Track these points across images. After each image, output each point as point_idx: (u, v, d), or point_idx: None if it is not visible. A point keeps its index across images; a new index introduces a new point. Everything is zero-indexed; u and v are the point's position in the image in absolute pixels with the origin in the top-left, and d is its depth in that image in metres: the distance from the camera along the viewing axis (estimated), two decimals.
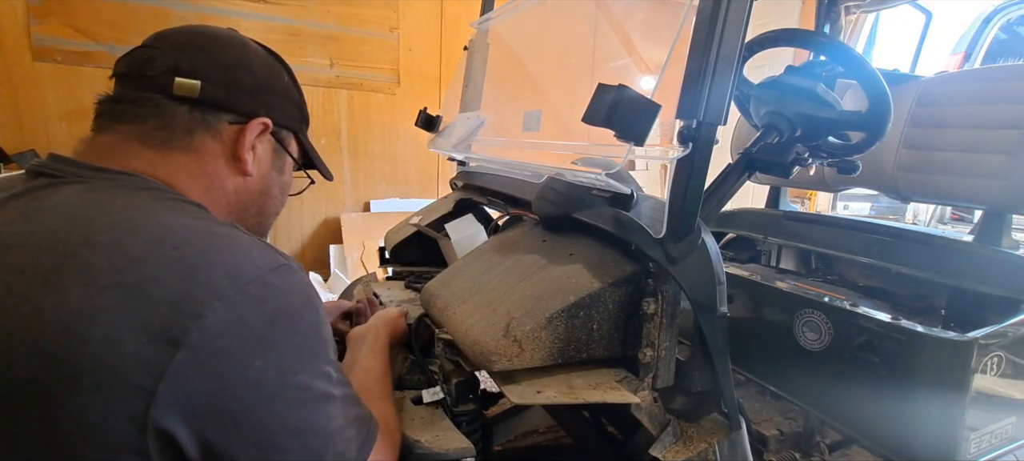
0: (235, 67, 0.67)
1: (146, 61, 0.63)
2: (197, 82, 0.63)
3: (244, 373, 0.49)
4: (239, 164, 0.68)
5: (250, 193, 0.72)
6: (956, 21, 3.15)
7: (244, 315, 0.50)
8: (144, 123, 0.62)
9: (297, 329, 0.54)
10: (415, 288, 1.24)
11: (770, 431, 1.22)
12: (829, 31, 1.79)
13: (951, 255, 1.35)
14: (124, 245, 0.49)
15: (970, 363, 0.98)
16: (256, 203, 0.73)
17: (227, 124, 0.67)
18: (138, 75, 0.63)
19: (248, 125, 0.68)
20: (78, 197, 0.54)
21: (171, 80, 0.62)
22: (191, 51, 0.64)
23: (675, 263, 0.74)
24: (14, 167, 2.55)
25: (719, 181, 0.92)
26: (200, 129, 0.64)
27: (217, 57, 0.66)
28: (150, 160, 0.62)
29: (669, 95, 0.71)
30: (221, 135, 0.66)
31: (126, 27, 2.81)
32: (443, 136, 1.52)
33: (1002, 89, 1.36)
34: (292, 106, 0.76)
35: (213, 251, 0.52)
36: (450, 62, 3.67)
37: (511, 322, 0.75)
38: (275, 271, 0.54)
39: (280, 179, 0.77)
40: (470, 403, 0.85)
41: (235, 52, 0.68)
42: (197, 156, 0.65)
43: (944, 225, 3.54)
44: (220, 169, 0.67)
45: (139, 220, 0.52)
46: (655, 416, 0.79)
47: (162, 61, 0.63)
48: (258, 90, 0.69)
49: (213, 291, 0.48)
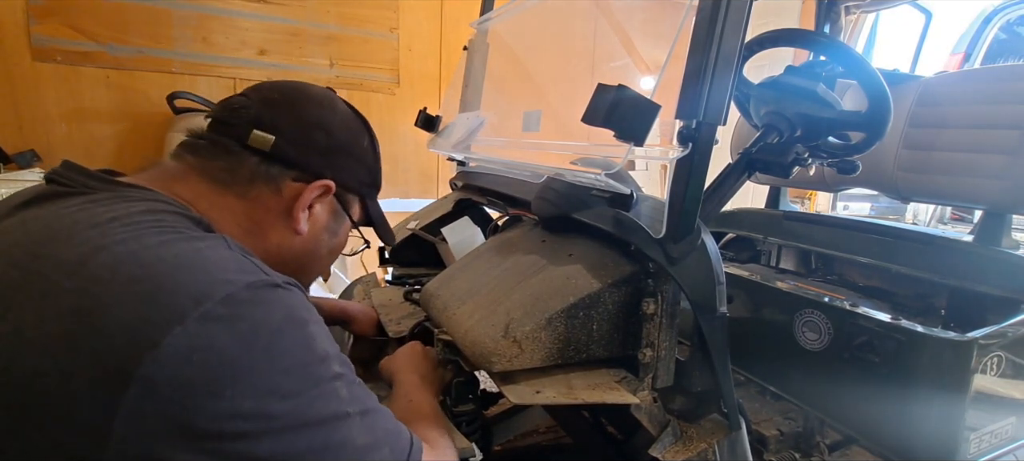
0: (313, 126, 0.69)
1: (235, 109, 0.66)
2: (271, 137, 0.65)
3: (215, 407, 0.43)
4: (292, 221, 0.68)
5: (294, 251, 0.70)
6: (956, 21, 3.15)
7: (209, 340, 0.44)
8: (212, 161, 0.64)
9: (280, 349, 0.48)
10: (414, 301, 1.23)
11: (770, 431, 1.21)
12: (829, 31, 1.79)
13: (951, 255, 1.34)
14: (88, 265, 0.46)
15: (970, 363, 0.98)
16: (298, 261, 0.72)
17: (290, 181, 0.67)
18: (224, 120, 0.66)
19: (309, 185, 0.68)
20: (70, 209, 0.53)
21: (249, 131, 0.64)
22: (276, 106, 0.67)
23: (675, 263, 0.74)
24: (14, 167, 2.54)
25: (719, 181, 0.92)
26: (262, 181, 0.65)
27: (298, 114, 0.68)
28: (199, 191, 0.63)
29: (669, 95, 0.71)
30: (281, 190, 0.67)
31: (126, 27, 2.81)
32: (443, 136, 1.52)
33: (1002, 89, 1.36)
34: (363, 170, 0.76)
35: (182, 270, 0.47)
36: (450, 62, 3.67)
37: (511, 322, 0.75)
38: (251, 287, 0.49)
39: (331, 241, 0.76)
40: (470, 403, 0.85)
41: (318, 112, 0.70)
42: (250, 203, 0.65)
43: (944, 225, 3.54)
44: (270, 221, 0.67)
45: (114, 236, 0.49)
46: (655, 416, 0.79)
47: (247, 112, 0.66)
48: (330, 152, 0.70)
49: (173, 315, 0.43)
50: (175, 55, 2.94)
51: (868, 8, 1.92)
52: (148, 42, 2.87)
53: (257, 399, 0.45)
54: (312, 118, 0.69)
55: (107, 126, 2.86)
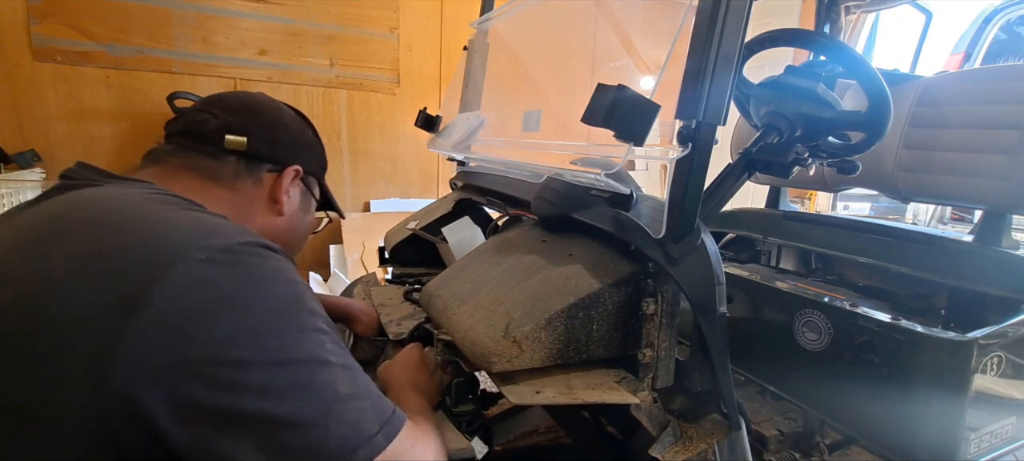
0: (274, 125, 0.82)
1: (201, 122, 0.76)
2: (244, 138, 0.76)
3: (209, 333, 0.48)
4: (276, 205, 0.81)
5: (279, 230, 0.82)
6: (956, 21, 3.15)
7: (209, 277, 0.50)
8: (196, 161, 0.74)
9: (272, 294, 0.53)
10: (414, 301, 1.23)
11: (770, 431, 1.21)
12: (829, 31, 1.79)
13: (951, 255, 1.34)
14: (103, 220, 0.54)
15: (970, 363, 0.98)
16: (283, 238, 0.82)
17: (267, 172, 0.80)
18: (193, 132, 0.76)
19: (285, 172, 0.81)
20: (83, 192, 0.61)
21: (222, 137, 0.75)
22: (238, 113, 0.79)
23: (675, 263, 0.74)
24: (14, 167, 2.54)
25: (719, 181, 0.92)
26: (244, 175, 0.77)
27: (260, 117, 0.80)
28: (191, 186, 0.71)
29: (669, 95, 0.71)
30: (261, 181, 0.79)
31: (126, 27, 2.81)
32: (443, 136, 1.52)
33: (1002, 89, 1.36)
34: (316, 156, 0.90)
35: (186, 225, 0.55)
36: (450, 62, 3.67)
37: (510, 323, 0.75)
38: (248, 244, 0.55)
39: (305, 218, 0.89)
40: (470, 403, 0.85)
41: (272, 113, 0.83)
42: (236, 194, 0.76)
43: (944, 225, 3.54)
44: (255, 207, 0.79)
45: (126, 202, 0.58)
46: (655, 416, 0.79)
47: (214, 122, 0.76)
48: (292, 143, 0.83)
49: (177, 255, 0.50)
50: (175, 55, 2.94)
51: (868, 8, 1.92)
52: (148, 42, 2.87)
53: (249, 332, 0.50)
54: (270, 118, 0.82)
55: (107, 126, 2.86)
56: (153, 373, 0.46)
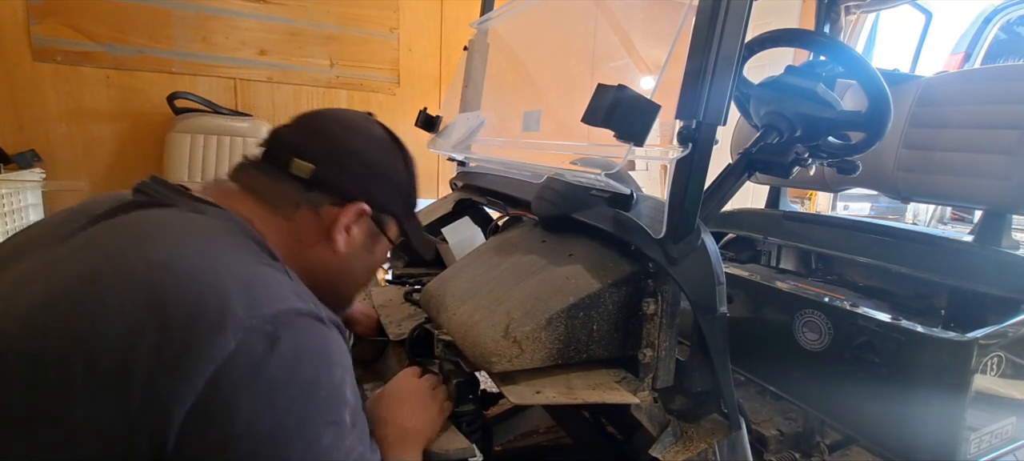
0: (348, 153, 0.75)
1: (280, 139, 0.74)
2: (310, 165, 0.71)
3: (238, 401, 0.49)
4: (331, 243, 0.74)
5: (330, 269, 0.76)
6: (956, 21, 3.15)
7: (251, 347, 0.50)
8: (263, 185, 0.71)
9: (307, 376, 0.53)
10: (414, 302, 1.23)
11: (770, 431, 1.21)
12: (829, 31, 1.79)
13: (951, 255, 1.34)
14: (170, 267, 0.52)
15: (970, 363, 0.98)
16: (334, 279, 0.78)
17: (329, 204, 0.73)
18: (270, 149, 0.74)
19: (346, 208, 0.73)
20: (152, 218, 0.61)
21: (289, 158, 0.71)
22: (314, 135, 0.75)
23: (675, 263, 0.74)
24: (14, 167, 2.54)
25: (719, 181, 0.92)
26: (304, 205, 0.72)
27: (334, 142, 0.75)
28: (254, 210, 0.69)
29: (669, 95, 0.71)
30: (320, 213, 0.73)
31: (126, 27, 2.81)
32: (443, 136, 1.52)
33: (1002, 89, 1.36)
34: (397, 193, 0.81)
35: (243, 284, 0.54)
36: (450, 62, 3.67)
37: (511, 323, 0.75)
38: (298, 314, 0.55)
39: (368, 259, 0.81)
40: (470, 404, 0.85)
41: (353, 139, 0.76)
42: (293, 224, 0.72)
43: (944, 225, 3.54)
44: (311, 240, 0.73)
45: (191, 244, 0.56)
46: (655, 416, 0.80)
47: (289, 141, 0.73)
48: (365, 177, 0.76)
49: (226, 318, 0.50)
50: (175, 55, 2.94)
51: (868, 8, 1.92)
52: (148, 42, 2.87)
53: (274, 409, 0.50)
54: (347, 145, 0.75)
55: (107, 126, 2.86)
56: (185, 446, 0.47)
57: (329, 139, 0.74)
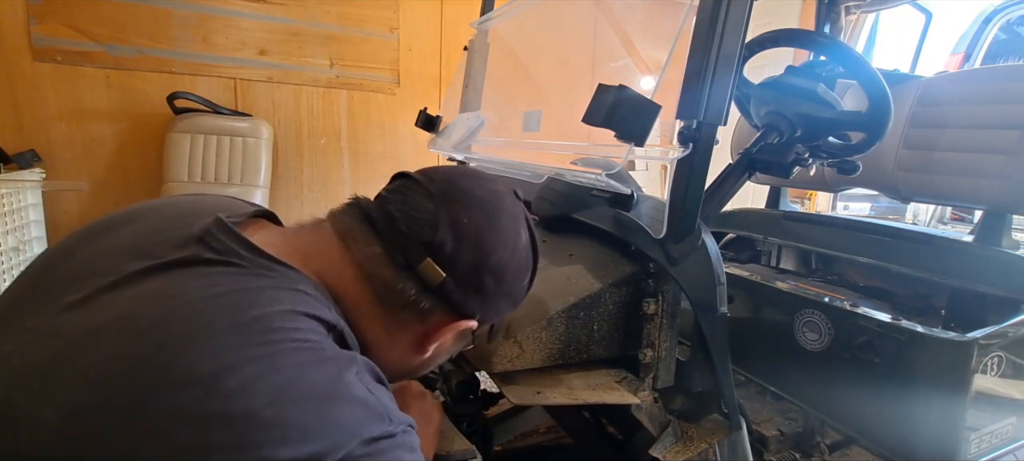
0: (487, 272, 0.62)
1: (418, 215, 0.60)
2: (442, 275, 0.59)
3: None
4: (421, 348, 0.64)
5: (412, 365, 0.68)
6: (956, 21, 3.15)
7: None
8: (376, 263, 0.59)
9: None
10: None
11: (770, 431, 1.22)
12: (829, 31, 1.79)
13: (951, 255, 1.34)
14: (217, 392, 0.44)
15: (970, 363, 0.98)
16: (408, 372, 0.70)
17: (437, 313, 0.62)
18: (404, 223, 0.60)
19: (453, 324, 0.63)
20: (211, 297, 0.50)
21: (422, 255, 0.59)
22: (461, 236, 0.60)
23: (675, 263, 0.74)
24: (14, 167, 2.54)
25: (719, 181, 0.92)
26: (412, 308, 0.61)
27: (480, 256, 0.61)
28: (352, 292, 0.59)
29: (669, 95, 0.71)
30: (426, 319, 0.62)
31: (126, 27, 2.81)
32: (443, 136, 1.52)
33: (1002, 89, 1.36)
34: (510, 307, 0.70)
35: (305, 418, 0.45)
36: (450, 62, 3.67)
37: (511, 323, 0.75)
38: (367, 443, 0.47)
39: (443, 357, 0.72)
40: (470, 403, 0.85)
41: (500, 253, 0.63)
42: (391, 324, 0.62)
43: (944, 225, 3.54)
44: (403, 338, 0.63)
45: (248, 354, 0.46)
46: (655, 416, 0.80)
47: (429, 229, 0.59)
48: (492, 298, 0.64)
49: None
50: (175, 55, 2.94)
51: (868, 8, 1.92)
52: (148, 42, 2.87)
53: None
54: (491, 262, 0.62)
55: (107, 126, 2.86)
56: None
57: (475, 248, 0.61)
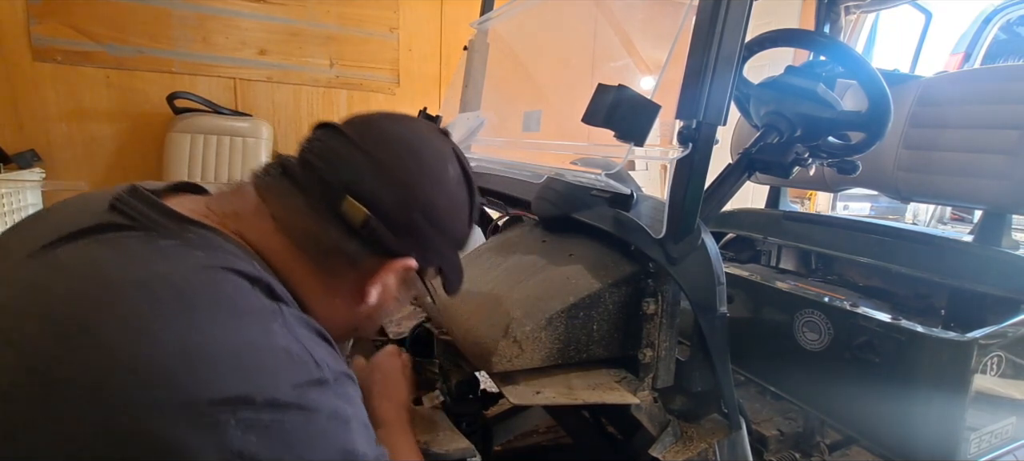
0: (414, 207, 0.60)
1: (334, 157, 0.58)
2: (364, 212, 0.57)
3: None
4: (361, 293, 0.62)
5: (358, 317, 0.66)
6: (956, 21, 3.15)
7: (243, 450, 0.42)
8: (296, 215, 0.58)
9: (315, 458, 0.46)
10: (414, 301, 1.23)
11: (770, 431, 1.21)
12: (829, 31, 1.79)
13: (951, 255, 1.34)
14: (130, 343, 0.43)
15: (970, 363, 0.98)
16: (359, 324, 0.68)
17: (370, 257, 0.60)
18: (318, 170, 0.58)
19: (389, 264, 0.61)
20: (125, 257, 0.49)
21: (342, 195, 0.57)
22: (380, 172, 0.58)
23: (675, 263, 0.74)
24: (14, 167, 2.54)
25: (719, 181, 0.92)
26: (342, 253, 0.58)
27: (402, 190, 0.59)
28: (274, 245, 0.57)
29: (669, 95, 0.71)
30: (358, 265, 0.60)
31: (126, 27, 2.81)
32: None
33: (1002, 89, 1.36)
34: (452, 246, 0.68)
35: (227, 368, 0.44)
36: (450, 62, 3.67)
37: (511, 323, 0.75)
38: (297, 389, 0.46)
39: (394, 306, 0.70)
40: (470, 403, 0.85)
41: (425, 188, 0.61)
42: (322, 273, 0.59)
43: (944, 225, 3.54)
44: (339, 289, 0.61)
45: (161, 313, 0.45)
46: (655, 416, 0.80)
47: (347, 168, 0.58)
48: (426, 235, 0.62)
49: (211, 424, 0.42)
50: (175, 55, 2.94)
51: (868, 8, 1.92)
52: (148, 42, 2.87)
53: None
54: (415, 196, 0.60)
55: (107, 126, 2.86)
56: None
57: (395, 182, 0.59)
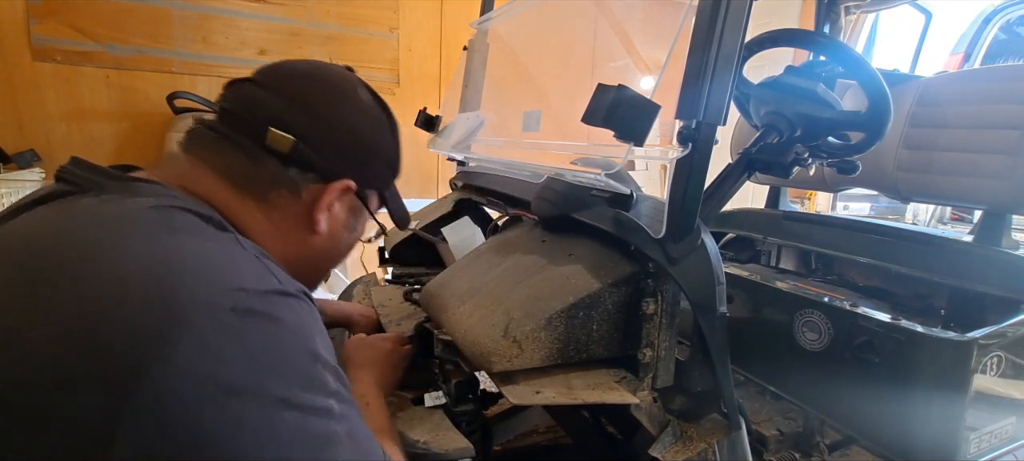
0: (335, 127, 0.66)
1: (251, 101, 0.63)
2: (290, 138, 0.62)
3: (217, 418, 0.43)
4: (311, 223, 0.67)
5: (314, 249, 0.70)
6: (956, 21, 3.15)
7: (219, 350, 0.44)
8: (228, 161, 0.61)
9: (285, 363, 0.48)
10: (414, 301, 1.24)
11: (770, 431, 1.21)
12: (829, 31, 1.79)
13: (951, 255, 1.34)
14: (93, 267, 0.45)
15: (970, 363, 0.98)
16: (318, 258, 0.72)
17: (310, 183, 0.65)
18: (239, 115, 0.63)
19: (329, 187, 0.66)
20: (77, 208, 0.52)
21: (265, 128, 0.61)
22: (296, 102, 0.64)
23: (675, 263, 0.74)
24: (14, 167, 2.55)
25: (719, 181, 0.92)
26: (281, 184, 0.63)
27: (320, 113, 0.65)
28: (215, 190, 0.60)
29: (669, 95, 0.71)
30: (300, 193, 0.65)
31: (126, 27, 2.81)
32: (443, 136, 1.52)
33: (1002, 89, 1.36)
34: (385, 166, 0.75)
35: (191, 274, 0.46)
36: (450, 62, 3.67)
37: (511, 323, 0.75)
38: (261, 295, 0.49)
39: (349, 236, 0.75)
40: (470, 403, 0.85)
41: (341, 108, 0.67)
42: (268, 208, 0.63)
43: (944, 225, 3.54)
44: (289, 223, 0.65)
45: (121, 235, 0.48)
46: (655, 416, 0.79)
47: (265, 107, 0.63)
48: (353, 152, 0.68)
49: (183, 323, 0.43)
50: (175, 55, 2.94)
51: (868, 8, 1.92)
52: (148, 42, 2.88)
53: (261, 411, 0.45)
54: (333, 116, 0.66)
55: (107, 126, 2.87)
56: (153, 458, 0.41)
57: (312, 106, 0.65)
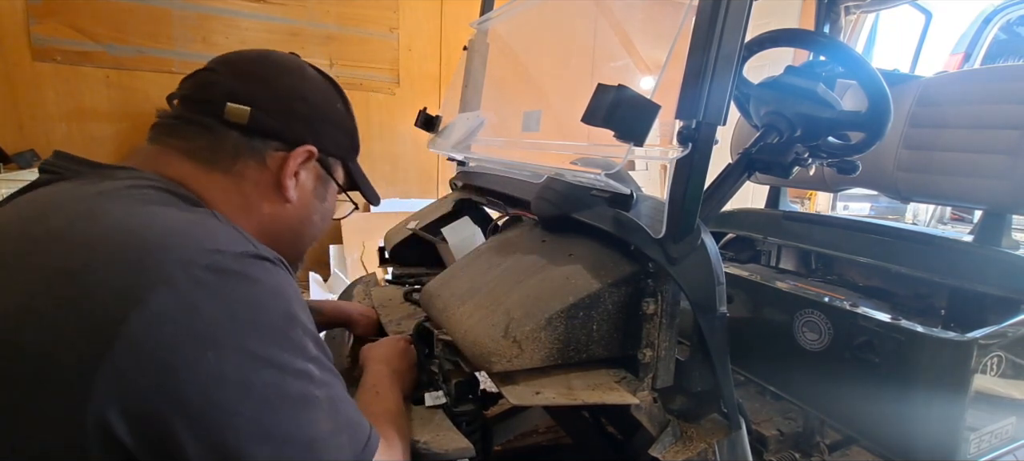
0: (289, 96, 0.70)
1: (206, 85, 0.67)
2: (247, 108, 0.65)
3: (194, 368, 0.44)
4: (281, 190, 0.70)
5: (288, 219, 0.73)
6: (956, 21, 3.15)
7: (196, 301, 0.45)
8: (192, 141, 0.65)
9: (263, 321, 0.49)
10: (414, 301, 1.23)
11: (770, 431, 1.21)
12: (829, 31, 1.79)
13: (951, 255, 1.34)
14: (78, 232, 0.49)
15: (970, 363, 0.98)
16: (292, 229, 0.74)
17: (273, 151, 0.68)
18: (196, 98, 0.67)
19: (293, 152, 0.69)
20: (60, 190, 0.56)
21: (224, 105, 0.65)
22: (249, 78, 0.68)
23: (675, 263, 0.74)
24: (14, 167, 2.55)
25: (719, 181, 0.92)
26: (246, 154, 0.67)
27: (272, 85, 0.69)
28: (185, 171, 0.64)
29: (669, 95, 0.71)
30: (266, 162, 0.68)
31: (126, 27, 2.81)
32: (443, 136, 1.52)
33: (1002, 89, 1.36)
34: (342, 134, 0.78)
35: (171, 235, 0.49)
36: (450, 62, 3.67)
37: (510, 323, 0.75)
38: (238, 257, 0.51)
39: (322, 206, 0.78)
40: (470, 403, 0.85)
41: (291, 80, 0.72)
42: (237, 180, 0.67)
43: (944, 225, 3.54)
44: (259, 194, 0.69)
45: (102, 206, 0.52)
46: (655, 416, 0.79)
47: (220, 86, 0.66)
48: (309, 118, 0.72)
49: (160, 276, 0.45)
50: (175, 55, 2.94)
51: (868, 8, 1.92)
52: (148, 42, 2.88)
53: (237, 368, 0.46)
54: (286, 86, 0.70)
55: (107, 126, 2.87)
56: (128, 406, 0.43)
57: (264, 80, 0.69)
